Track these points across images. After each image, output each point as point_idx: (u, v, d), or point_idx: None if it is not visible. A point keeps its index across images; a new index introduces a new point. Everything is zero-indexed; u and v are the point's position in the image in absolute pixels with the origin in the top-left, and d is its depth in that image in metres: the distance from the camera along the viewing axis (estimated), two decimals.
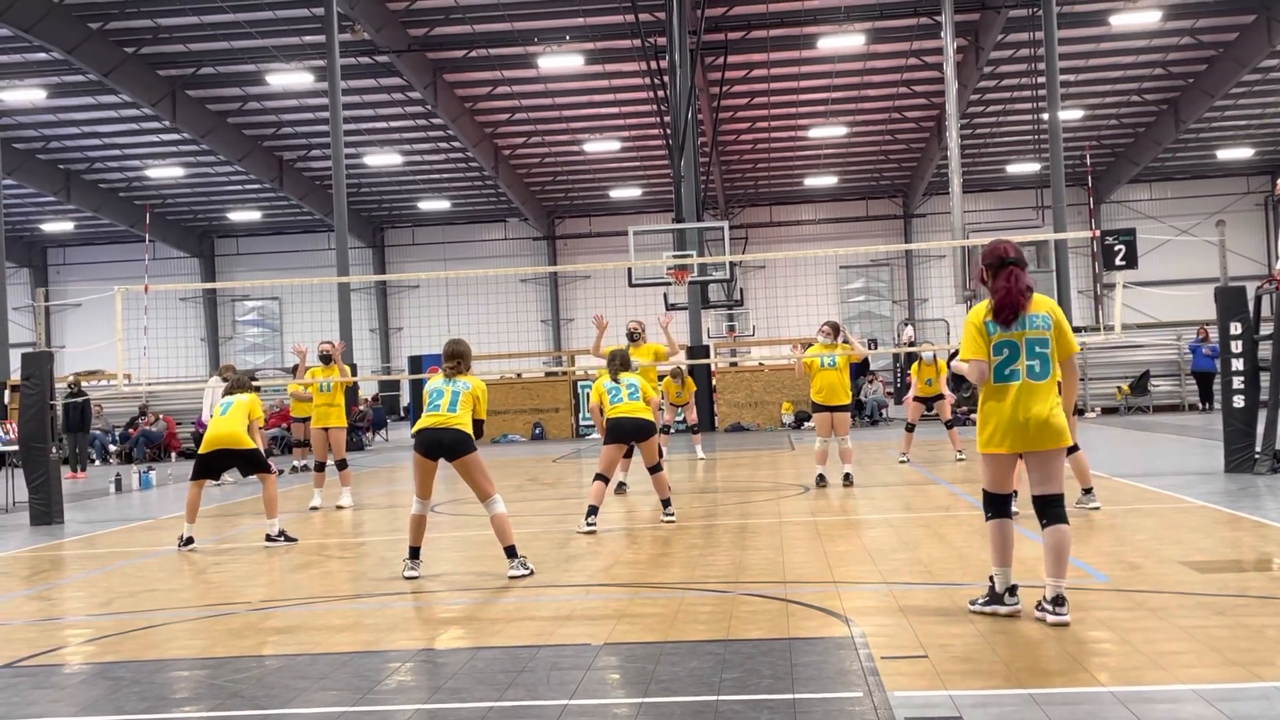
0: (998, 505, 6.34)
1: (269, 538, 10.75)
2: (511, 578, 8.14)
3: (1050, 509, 6.14)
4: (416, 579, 8.30)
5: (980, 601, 6.35)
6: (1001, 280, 6.18)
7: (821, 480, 13.55)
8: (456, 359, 8.74)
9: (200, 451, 11.07)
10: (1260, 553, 8.16)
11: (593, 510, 10.58)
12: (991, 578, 6.35)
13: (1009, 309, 6.13)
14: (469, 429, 8.44)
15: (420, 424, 8.50)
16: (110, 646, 6.63)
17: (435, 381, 8.66)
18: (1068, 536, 6.12)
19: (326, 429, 14.18)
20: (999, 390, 6.16)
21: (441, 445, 8.36)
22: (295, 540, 10.78)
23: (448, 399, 8.47)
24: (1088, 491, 10.40)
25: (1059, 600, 6.00)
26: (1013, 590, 6.24)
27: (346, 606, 7.61)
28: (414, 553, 8.46)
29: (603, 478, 10.86)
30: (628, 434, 11.09)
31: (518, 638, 6.35)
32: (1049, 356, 6.17)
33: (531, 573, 8.24)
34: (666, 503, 11.14)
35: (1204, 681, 4.85)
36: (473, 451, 8.39)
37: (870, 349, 21.18)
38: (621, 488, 13.76)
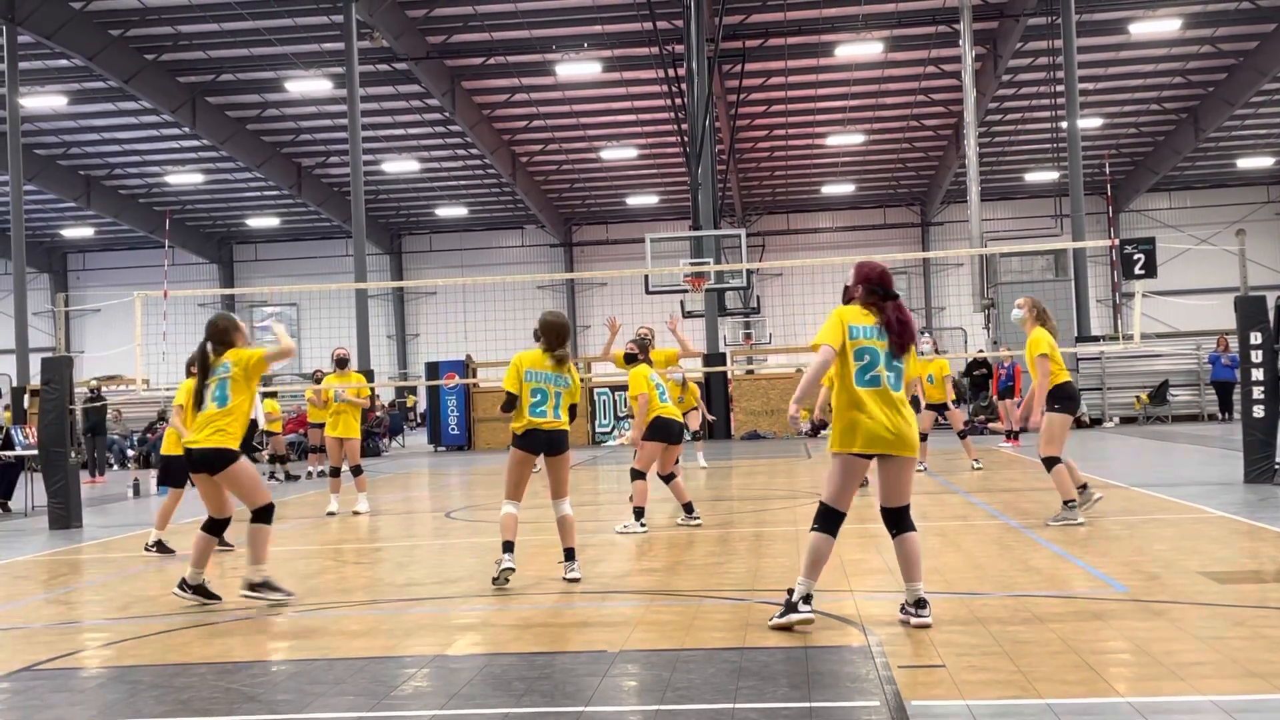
0: (834, 522, 6.35)
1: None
2: (569, 580, 8.14)
3: (903, 519, 6.40)
4: (512, 571, 8.08)
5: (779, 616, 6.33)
6: (893, 314, 6.35)
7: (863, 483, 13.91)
8: (563, 344, 8.30)
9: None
10: None
11: (640, 512, 10.72)
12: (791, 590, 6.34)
13: (909, 340, 6.36)
14: (568, 427, 8.32)
15: (526, 424, 8.12)
16: (128, 650, 6.65)
17: (540, 367, 8.20)
18: (918, 542, 6.45)
19: (341, 439, 14.24)
20: (861, 395, 6.25)
21: (551, 443, 8.19)
22: (231, 547, 10.53)
23: (551, 403, 8.16)
24: (1068, 504, 10.13)
25: (921, 603, 6.28)
26: (808, 599, 6.29)
27: (362, 612, 7.62)
28: (508, 546, 8.13)
29: (643, 475, 10.87)
30: (677, 436, 11.16)
31: (534, 644, 6.35)
32: (903, 372, 6.40)
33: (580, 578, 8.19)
34: (689, 507, 11.12)
35: (1223, 693, 4.81)
36: (568, 449, 8.33)
37: None
38: None
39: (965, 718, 4.63)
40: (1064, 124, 32.00)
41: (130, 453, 27.54)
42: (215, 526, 7.96)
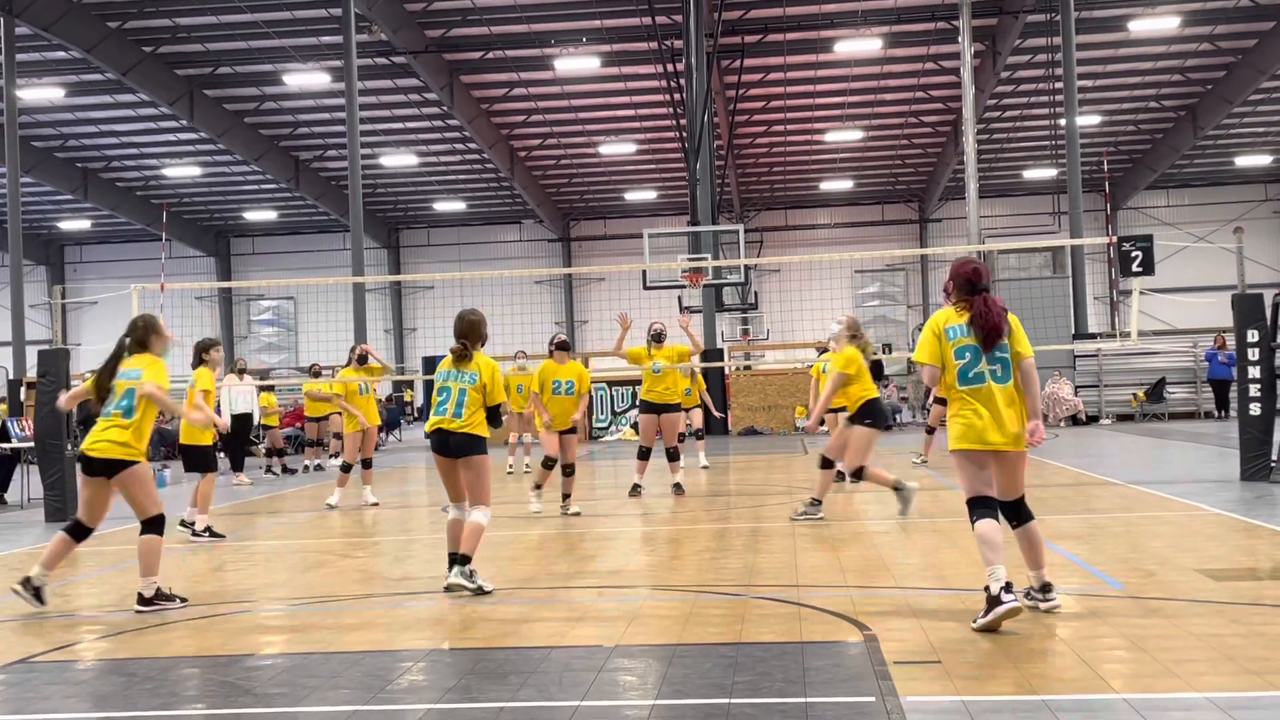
0: (983, 505, 6.32)
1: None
2: (447, 588, 7.74)
3: (1020, 510, 6.45)
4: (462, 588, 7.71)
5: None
6: (980, 306, 6.39)
7: (840, 476, 13.95)
8: (464, 339, 8.03)
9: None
10: (1276, 561, 8.12)
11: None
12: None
13: (995, 333, 6.35)
14: (479, 430, 7.88)
15: (431, 424, 7.97)
16: (124, 643, 6.66)
17: (445, 365, 8.06)
18: (1040, 531, 6.50)
19: (363, 430, 14.29)
20: (965, 395, 6.37)
21: (454, 446, 7.88)
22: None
23: (453, 400, 7.88)
24: (814, 502, 10.90)
25: (1047, 588, 6.41)
26: (1009, 587, 6.07)
27: (359, 606, 7.62)
28: (454, 559, 7.81)
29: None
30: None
31: (530, 638, 6.35)
32: (1009, 361, 6.40)
33: (474, 589, 7.64)
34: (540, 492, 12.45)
35: (1219, 690, 4.82)
36: (479, 454, 7.89)
37: (884, 354, 21.27)
38: (637, 490, 13.76)
39: (961, 714, 4.63)
40: (1062, 121, 32.00)
41: None
42: (82, 532, 7.71)
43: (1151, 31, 33.14)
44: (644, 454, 13.79)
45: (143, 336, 7.86)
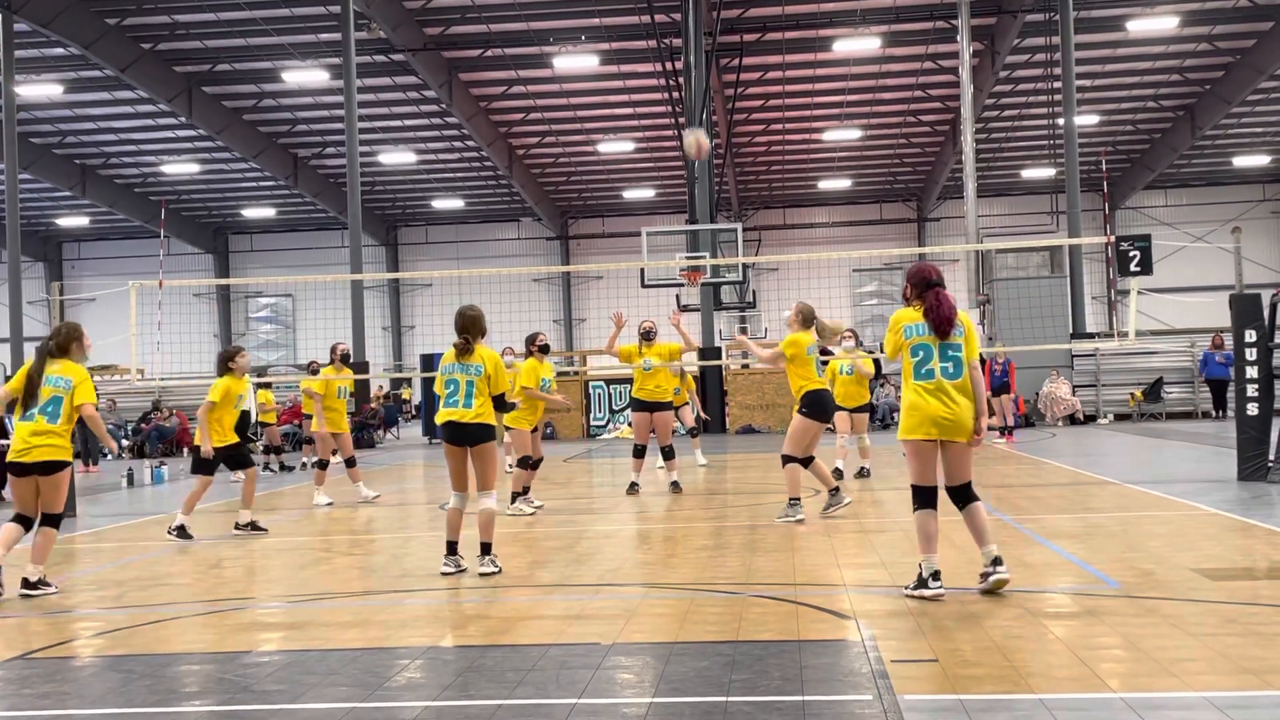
0: (925, 497, 6.98)
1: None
2: (482, 575, 8.24)
3: (966, 494, 7.04)
4: (454, 574, 8.31)
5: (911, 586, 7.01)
6: (932, 300, 6.96)
7: (838, 474, 13.97)
8: (465, 334, 8.49)
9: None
10: (1272, 561, 8.13)
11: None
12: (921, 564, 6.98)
13: (946, 323, 6.92)
14: (489, 419, 8.33)
15: (442, 417, 8.35)
16: (121, 640, 6.66)
17: (449, 360, 8.47)
18: (983, 511, 7.07)
19: (336, 433, 14.33)
20: (917, 388, 6.93)
21: (466, 435, 8.30)
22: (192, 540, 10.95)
23: (462, 393, 8.31)
24: (792, 502, 10.68)
25: (998, 561, 6.89)
26: (936, 575, 6.90)
27: (356, 603, 7.62)
28: (450, 548, 8.41)
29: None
30: None
31: (527, 636, 6.36)
32: (961, 360, 6.98)
33: (499, 570, 8.33)
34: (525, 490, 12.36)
35: (1215, 689, 4.83)
36: (489, 441, 8.32)
37: (883, 353, 21.33)
38: (634, 488, 13.77)
39: (958, 713, 4.63)
40: (1061, 120, 31.96)
41: (125, 442, 27.49)
42: (29, 523, 8.28)
43: (1150, 31, 33.14)
44: (638, 452, 13.87)
45: (64, 343, 8.43)
